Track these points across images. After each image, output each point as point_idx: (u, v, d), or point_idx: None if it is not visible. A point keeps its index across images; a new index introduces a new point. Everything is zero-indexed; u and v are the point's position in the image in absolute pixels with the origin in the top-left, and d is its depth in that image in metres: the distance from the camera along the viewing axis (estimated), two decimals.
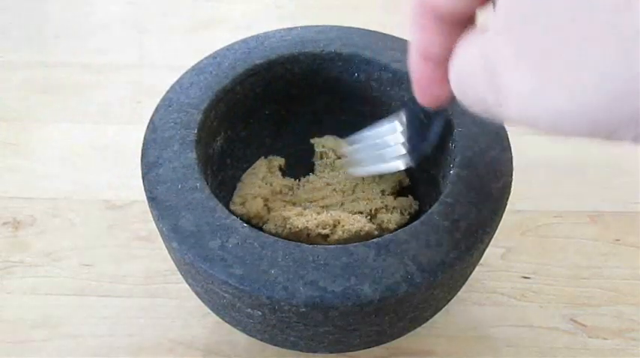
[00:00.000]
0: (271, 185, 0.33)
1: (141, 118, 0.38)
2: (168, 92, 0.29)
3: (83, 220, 0.36)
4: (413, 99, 0.22)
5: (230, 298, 0.23)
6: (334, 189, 0.33)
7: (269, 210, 0.31)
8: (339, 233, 0.29)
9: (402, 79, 0.30)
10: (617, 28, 0.10)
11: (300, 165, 0.35)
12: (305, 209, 0.31)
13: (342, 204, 0.32)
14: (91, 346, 0.30)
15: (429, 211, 0.24)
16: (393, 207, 0.31)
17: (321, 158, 0.34)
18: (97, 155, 0.39)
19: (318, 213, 0.30)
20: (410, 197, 0.32)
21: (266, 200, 0.32)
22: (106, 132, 0.41)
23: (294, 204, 0.32)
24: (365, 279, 0.21)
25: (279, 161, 0.34)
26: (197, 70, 0.30)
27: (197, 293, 0.26)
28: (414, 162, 0.27)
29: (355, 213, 0.31)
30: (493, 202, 0.24)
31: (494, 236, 0.25)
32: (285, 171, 0.35)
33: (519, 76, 0.12)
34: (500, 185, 0.25)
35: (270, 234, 0.27)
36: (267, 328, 0.24)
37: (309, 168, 0.35)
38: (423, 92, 0.20)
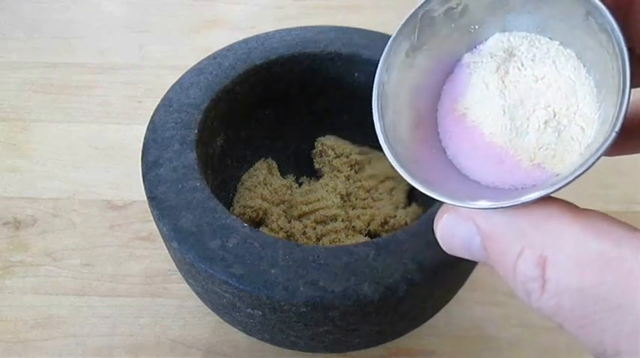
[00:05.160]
0: (271, 186, 0.33)
1: (141, 118, 0.39)
2: (168, 92, 0.29)
3: (84, 220, 0.36)
4: None
5: (230, 298, 0.23)
6: (332, 192, 0.33)
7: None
8: None
9: None
10: None
11: (300, 165, 0.35)
12: (303, 226, 0.31)
13: (339, 216, 0.32)
14: (91, 346, 0.30)
15: (429, 211, 0.24)
16: (399, 224, 0.31)
17: (320, 156, 0.34)
18: (97, 155, 0.39)
19: (318, 239, 0.30)
20: (414, 205, 0.32)
21: (264, 213, 0.32)
22: (106, 132, 0.41)
23: (291, 207, 0.32)
24: (365, 279, 0.21)
25: (278, 163, 0.34)
26: (197, 70, 0.30)
27: (197, 293, 0.26)
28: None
29: (355, 233, 0.31)
30: None
31: None
32: (284, 171, 0.35)
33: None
34: None
35: None
36: (267, 328, 0.24)
37: (310, 168, 0.35)
38: None
